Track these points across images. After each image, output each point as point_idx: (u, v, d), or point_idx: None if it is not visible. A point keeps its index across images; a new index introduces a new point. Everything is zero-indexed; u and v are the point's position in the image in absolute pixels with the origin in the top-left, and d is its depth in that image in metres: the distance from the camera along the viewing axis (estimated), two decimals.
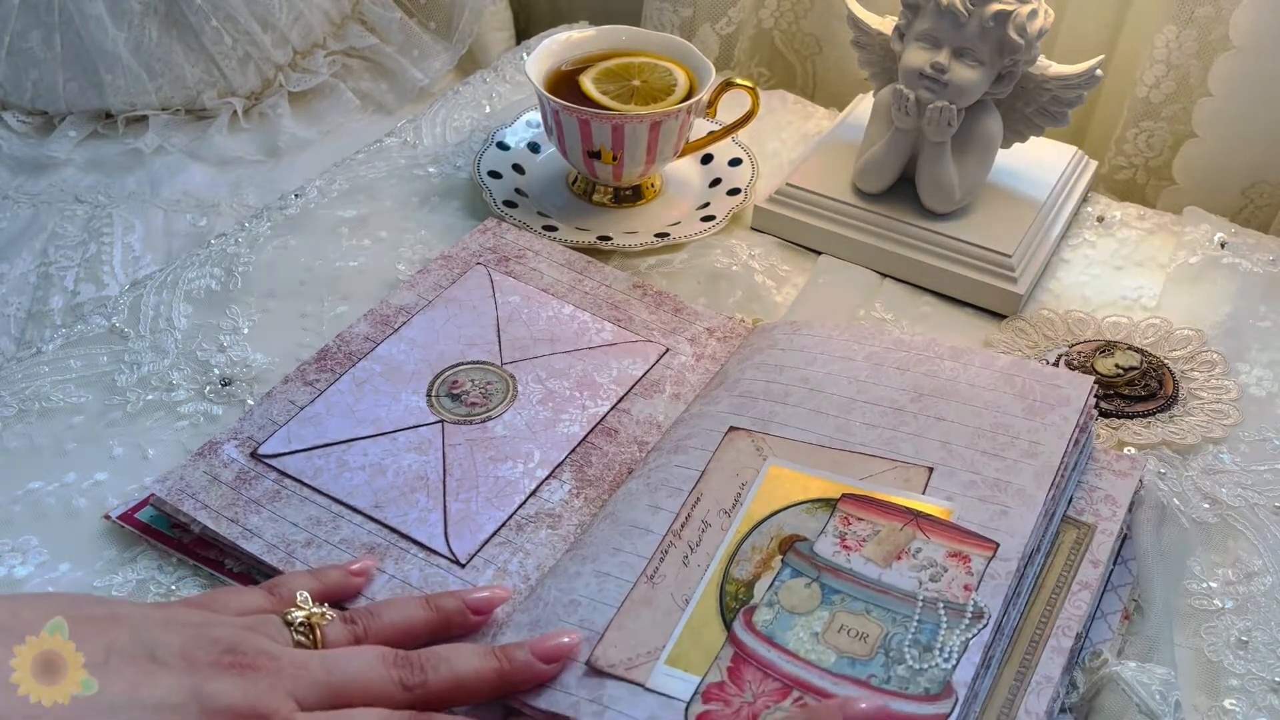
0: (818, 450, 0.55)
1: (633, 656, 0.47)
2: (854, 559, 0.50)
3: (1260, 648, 0.53)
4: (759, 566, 0.50)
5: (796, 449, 0.55)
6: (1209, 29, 0.87)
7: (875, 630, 0.47)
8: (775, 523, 0.52)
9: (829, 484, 0.54)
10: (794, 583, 0.49)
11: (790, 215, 0.77)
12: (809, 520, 0.52)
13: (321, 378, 0.63)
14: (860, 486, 0.53)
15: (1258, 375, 0.67)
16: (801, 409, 0.58)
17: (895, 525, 0.51)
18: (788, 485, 0.54)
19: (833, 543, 0.51)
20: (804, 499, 0.53)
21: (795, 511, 0.53)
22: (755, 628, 0.47)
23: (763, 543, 0.51)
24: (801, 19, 1.09)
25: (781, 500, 0.53)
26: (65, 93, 1.00)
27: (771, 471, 0.54)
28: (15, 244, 0.91)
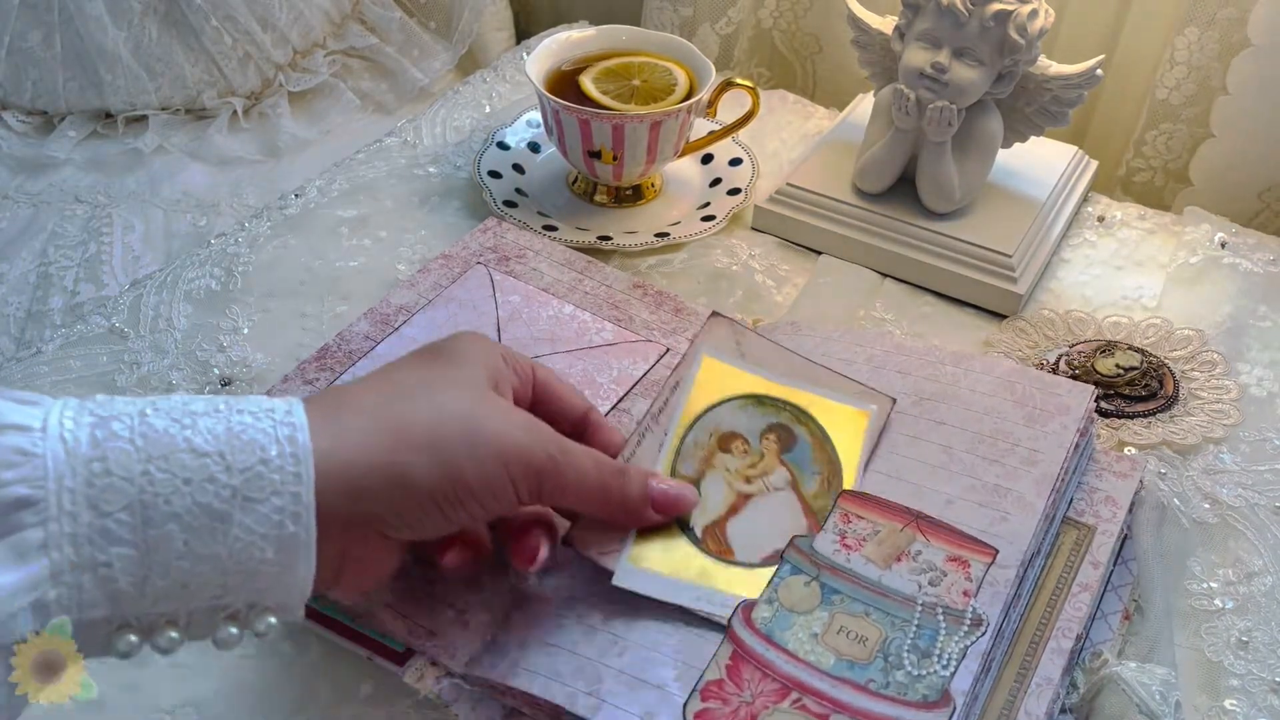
0: (789, 356, 0.57)
1: (605, 543, 0.50)
2: (854, 559, 0.50)
3: (1260, 648, 0.53)
4: (702, 464, 0.53)
5: (770, 351, 0.57)
6: (1231, 31, 0.87)
7: (874, 633, 0.47)
8: (712, 418, 0.54)
9: (760, 380, 0.56)
10: (793, 580, 0.49)
11: (790, 215, 0.77)
12: (741, 416, 0.54)
13: (321, 377, 0.63)
14: (790, 385, 0.55)
15: (1258, 375, 0.67)
16: None
17: (895, 527, 0.51)
18: (721, 379, 0.55)
19: (832, 540, 0.51)
20: (735, 394, 0.55)
21: (729, 407, 0.55)
22: (754, 625, 0.47)
23: (703, 438, 0.54)
24: (801, 18, 1.09)
25: (716, 395, 0.55)
26: (65, 93, 1.01)
27: (705, 364, 0.56)
28: (15, 244, 0.91)
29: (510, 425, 0.45)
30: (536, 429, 0.46)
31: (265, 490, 0.38)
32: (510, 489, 0.45)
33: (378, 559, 0.44)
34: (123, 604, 0.37)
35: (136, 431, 0.37)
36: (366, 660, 0.50)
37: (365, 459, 0.41)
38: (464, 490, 0.43)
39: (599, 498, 0.48)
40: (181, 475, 0.37)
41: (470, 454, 0.43)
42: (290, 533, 0.38)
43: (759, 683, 0.45)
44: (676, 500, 0.50)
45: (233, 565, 0.38)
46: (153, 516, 0.37)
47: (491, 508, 0.45)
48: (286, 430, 0.39)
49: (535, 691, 0.46)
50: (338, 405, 0.43)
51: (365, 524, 0.42)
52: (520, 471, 0.44)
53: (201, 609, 0.38)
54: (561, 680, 0.46)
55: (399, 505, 0.42)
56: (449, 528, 0.45)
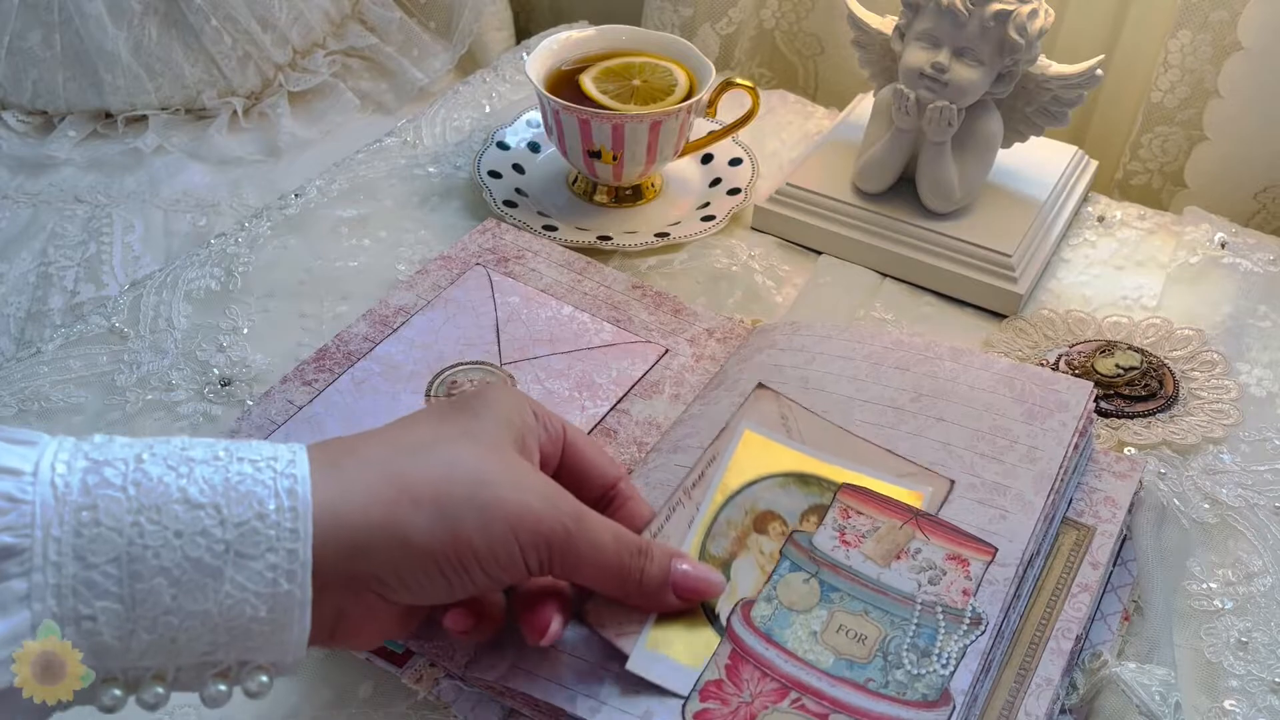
0: (840, 435, 0.54)
1: (624, 622, 0.46)
2: (853, 555, 0.50)
3: (1260, 648, 0.53)
4: (735, 544, 0.50)
5: (816, 425, 0.54)
6: (1223, 34, 0.87)
7: (874, 632, 0.47)
8: (749, 496, 0.51)
9: (805, 458, 0.53)
10: (792, 577, 0.49)
11: (790, 215, 0.77)
12: (781, 495, 0.51)
13: (320, 378, 0.63)
14: (838, 465, 0.52)
15: (1258, 375, 0.67)
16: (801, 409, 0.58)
17: (895, 524, 0.51)
18: (762, 455, 0.53)
19: (831, 536, 0.51)
20: (777, 471, 0.52)
21: (769, 484, 0.52)
22: (753, 624, 0.47)
23: (737, 517, 0.50)
24: (803, 19, 1.09)
25: (755, 471, 0.52)
26: (65, 92, 1.01)
27: (745, 437, 0.53)
28: (15, 244, 0.91)
29: (524, 489, 0.42)
30: (554, 496, 0.43)
31: (260, 546, 0.37)
32: (518, 558, 0.42)
33: (379, 621, 0.42)
34: (107, 657, 0.36)
35: (130, 480, 0.36)
36: (366, 661, 0.50)
37: (366, 515, 0.39)
38: (468, 555, 0.41)
39: (616, 577, 0.45)
40: (173, 528, 0.36)
41: (477, 517, 0.41)
42: (284, 591, 0.37)
43: (758, 682, 0.45)
44: (700, 586, 0.46)
45: (223, 622, 0.36)
46: (140, 570, 0.35)
47: (497, 577, 0.42)
48: (287, 483, 0.38)
49: (535, 693, 0.46)
50: (343, 456, 0.41)
51: (364, 584, 0.40)
52: (530, 540, 0.42)
53: (190, 664, 0.37)
54: (561, 682, 0.46)
55: (399, 566, 0.40)
56: (453, 594, 0.42)
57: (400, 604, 0.42)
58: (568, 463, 0.48)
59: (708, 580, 0.47)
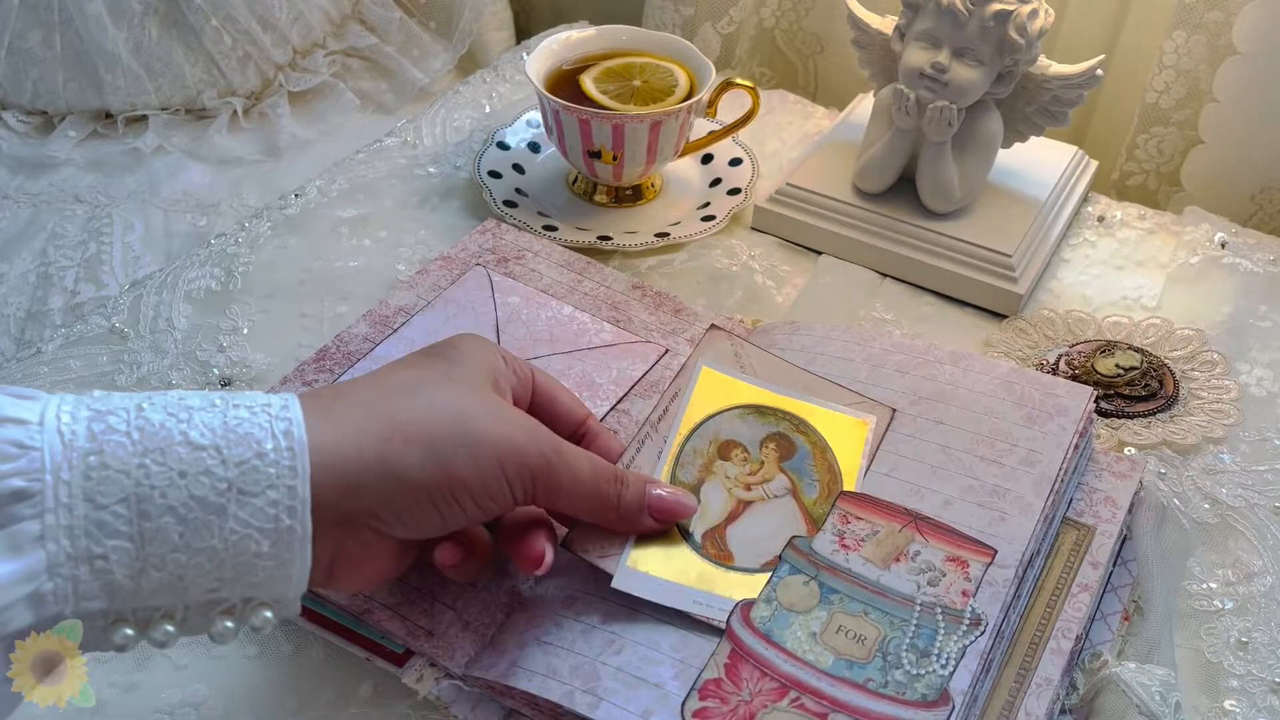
0: (789, 368, 0.58)
1: (606, 546, 0.49)
2: (853, 559, 0.50)
3: (1260, 648, 0.53)
4: (702, 471, 0.53)
5: (767, 361, 0.57)
6: (1218, 34, 0.87)
7: (873, 633, 0.47)
8: (711, 427, 0.55)
9: (759, 391, 0.56)
10: (792, 580, 0.49)
11: (790, 215, 0.77)
12: (741, 425, 0.55)
13: (320, 378, 0.63)
14: (790, 396, 0.56)
15: (1258, 375, 0.67)
16: None
17: (894, 527, 0.51)
18: (720, 389, 0.55)
19: (831, 540, 0.51)
20: (735, 404, 0.55)
21: (729, 416, 0.55)
22: (753, 624, 0.47)
23: (702, 446, 0.54)
24: (803, 18, 1.09)
25: (715, 404, 0.55)
26: (65, 93, 1.01)
27: (704, 374, 0.56)
28: (15, 244, 0.91)
29: (507, 424, 0.45)
30: (534, 429, 0.46)
31: (260, 484, 0.38)
32: (506, 488, 0.44)
33: (375, 558, 0.44)
34: (119, 597, 0.37)
35: (133, 425, 0.38)
36: (366, 661, 0.50)
37: (360, 454, 0.41)
38: (459, 487, 0.43)
39: (595, 502, 0.48)
40: (177, 468, 0.37)
41: (466, 451, 0.43)
42: (286, 526, 0.38)
43: (757, 681, 0.45)
44: (674, 507, 0.50)
45: (228, 558, 0.38)
46: (148, 509, 0.37)
47: (487, 506, 0.45)
48: (282, 425, 0.39)
49: (533, 690, 0.46)
50: (333, 401, 0.43)
51: (361, 520, 0.42)
52: (516, 470, 0.44)
53: (197, 603, 0.39)
54: (559, 678, 0.46)
55: (394, 501, 0.42)
56: (445, 527, 0.44)
57: (394, 539, 0.44)
58: (538, 403, 0.51)
59: (681, 502, 0.50)
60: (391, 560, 0.45)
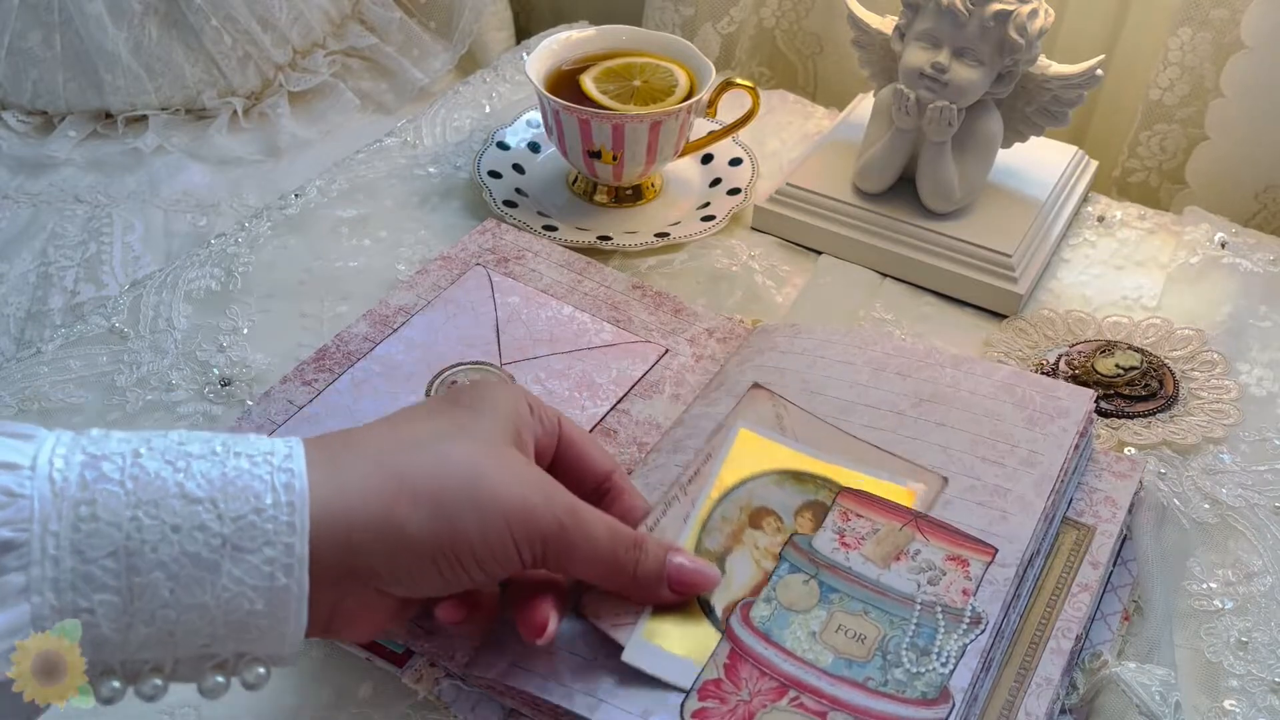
0: (833, 433, 0.55)
1: (620, 614, 0.47)
2: (853, 557, 0.50)
3: (1260, 648, 0.53)
4: (730, 539, 0.50)
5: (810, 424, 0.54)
6: (1224, 31, 0.87)
7: (873, 632, 0.47)
8: (744, 492, 0.52)
9: (799, 456, 0.53)
10: (792, 579, 0.49)
11: (790, 215, 0.77)
12: (777, 491, 0.52)
13: (320, 378, 0.63)
14: (832, 462, 0.53)
15: (1258, 375, 0.67)
16: (801, 411, 0.58)
17: (894, 525, 0.51)
18: (757, 452, 0.53)
19: (831, 539, 0.51)
20: (773, 468, 0.53)
21: (764, 481, 0.52)
22: (752, 624, 0.47)
23: (733, 513, 0.51)
24: (803, 18, 1.09)
25: (750, 468, 0.52)
26: (65, 93, 1.01)
27: (741, 436, 0.54)
28: (15, 244, 0.91)
29: (519, 484, 0.43)
30: (548, 490, 0.44)
31: (257, 540, 0.37)
32: (513, 552, 0.42)
33: (373, 613, 0.42)
34: (105, 650, 0.36)
35: (127, 474, 0.36)
36: (365, 661, 0.50)
37: (364, 510, 0.39)
38: (464, 550, 0.41)
39: (611, 569, 0.45)
40: (170, 522, 0.36)
41: (474, 512, 0.41)
42: (281, 585, 0.37)
43: (757, 681, 0.45)
44: (695, 579, 0.47)
45: (220, 615, 0.37)
46: (138, 564, 0.35)
47: (492, 571, 0.42)
48: (284, 477, 0.38)
49: (533, 690, 0.46)
50: (341, 450, 0.41)
51: (360, 577, 0.40)
52: (524, 534, 0.42)
53: (188, 657, 0.37)
54: (559, 679, 0.46)
55: (395, 560, 0.40)
56: (448, 588, 0.42)
57: (395, 596, 0.42)
58: (563, 456, 0.48)
59: (703, 573, 0.47)
60: (391, 615, 0.43)
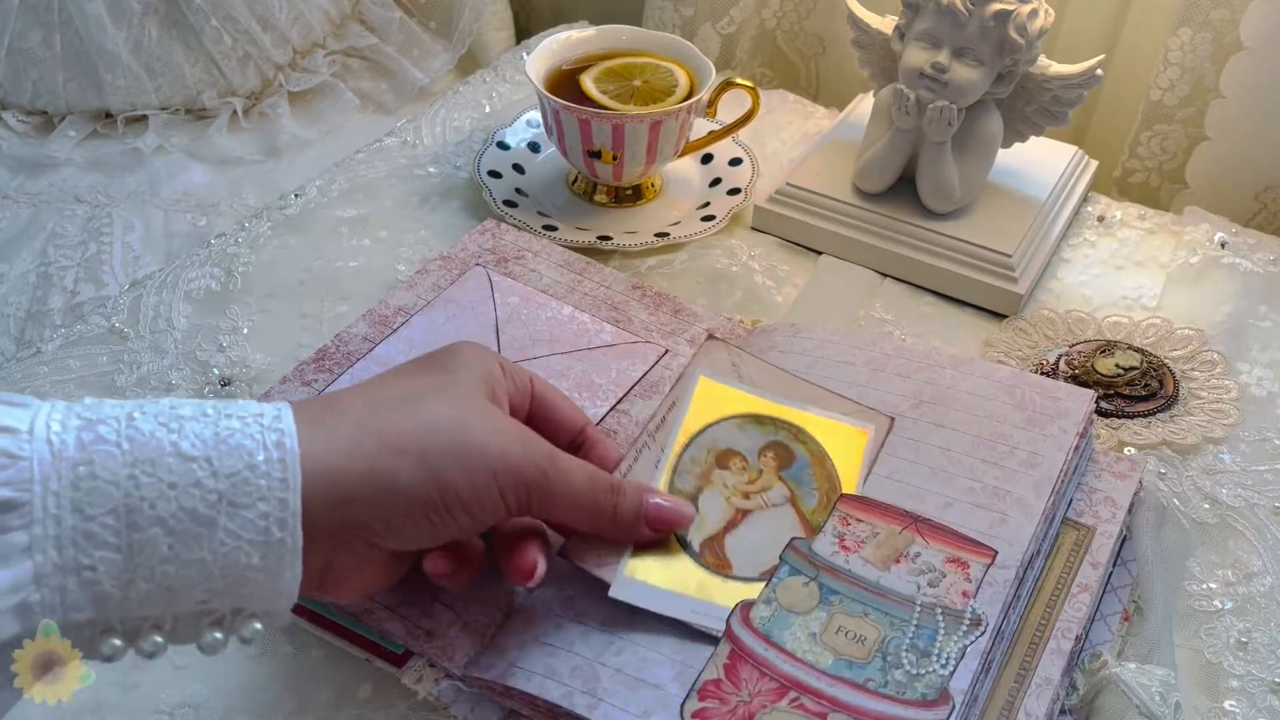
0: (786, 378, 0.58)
1: (603, 555, 0.49)
2: (853, 560, 0.50)
3: (1260, 649, 0.53)
4: (700, 479, 0.53)
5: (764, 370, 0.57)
6: (1224, 32, 0.87)
7: (873, 633, 0.47)
8: (710, 436, 0.54)
9: (757, 400, 0.56)
10: (792, 581, 0.49)
11: (790, 215, 0.77)
12: (739, 434, 0.55)
13: (320, 378, 0.63)
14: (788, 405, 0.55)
15: (1258, 375, 0.67)
16: None
17: (894, 529, 0.51)
18: (718, 399, 0.55)
19: (831, 542, 0.51)
20: (734, 413, 0.55)
21: (727, 425, 0.55)
22: (752, 625, 0.47)
23: (700, 455, 0.54)
24: (804, 19, 1.09)
25: (713, 414, 0.55)
26: (65, 93, 1.01)
27: (701, 384, 0.56)
28: (15, 244, 0.91)
29: (501, 435, 0.45)
30: (528, 440, 0.46)
31: (252, 496, 0.38)
32: (499, 500, 0.44)
33: (367, 568, 0.44)
34: (107, 607, 0.37)
35: (123, 435, 0.37)
36: (365, 662, 0.50)
37: (352, 466, 0.41)
38: (452, 499, 0.43)
39: (591, 513, 0.48)
40: (167, 480, 0.37)
41: (459, 463, 0.43)
42: (276, 539, 0.38)
43: (757, 682, 0.45)
44: (672, 516, 0.50)
45: (217, 570, 0.38)
46: (138, 521, 0.37)
47: (480, 518, 0.44)
48: (274, 436, 0.39)
49: (532, 690, 0.46)
50: (326, 412, 0.42)
51: (352, 531, 0.42)
52: (509, 482, 0.44)
53: (186, 614, 0.38)
54: (559, 679, 0.46)
55: (386, 513, 0.42)
56: (437, 538, 0.44)
57: (386, 550, 0.44)
58: (536, 413, 0.51)
59: (678, 511, 0.50)
60: (384, 570, 0.45)
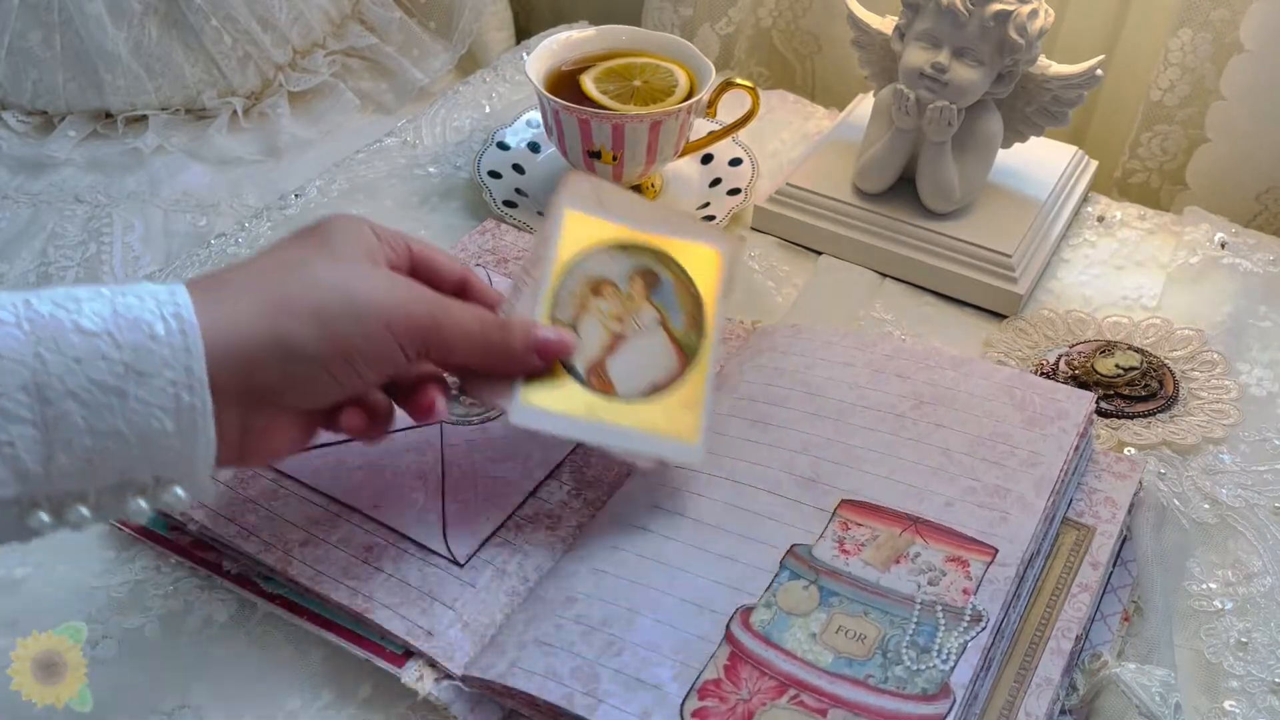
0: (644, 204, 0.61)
1: (499, 388, 0.52)
2: (853, 563, 0.50)
3: (1260, 649, 0.53)
4: (578, 309, 0.55)
5: (628, 200, 0.59)
6: (1224, 32, 0.87)
7: (873, 632, 0.47)
8: (582, 267, 0.56)
9: (621, 228, 0.57)
10: (792, 585, 0.49)
11: (790, 215, 0.77)
12: (609, 262, 0.56)
13: None
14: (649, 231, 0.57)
15: (1258, 375, 0.67)
16: (801, 412, 0.58)
17: (894, 531, 0.51)
18: (586, 229, 0.57)
19: (831, 547, 0.51)
20: (601, 241, 0.57)
21: (596, 254, 0.57)
22: (752, 627, 0.47)
23: (575, 286, 0.56)
24: (800, 18, 1.09)
25: (583, 244, 0.57)
26: (65, 93, 1.00)
27: (568, 217, 0.57)
28: (15, 244, 0.91)
29: (388, 288, 0.47)
30: (415, 289, 0.48)
31: (156, 364, 0.39)
32: (397, 349, 0.46)
33: (281, 430, 0.46)
34: (30, 483, 0.38)
35: (23, 318, 0.38)
36: (366, 661, 0.50)
37: (249, 331, 0.43)
38: (352, 354, 0.45)
39: (484, 350, 0.50)
40: (72, 355, 0.38)
41: (352, 318, 0.45)
42: (187, 404, 0.40)
43: (756, 680, 0.45)
44: (559, 345, 0.53)
45: (134, 439, 0.39)
46: (49, 396, 0.38)
47: (381, 369, 0.47)
48: (171, 309, 0.40)
49: (532, 691, 0.46)
50: (217, 285, 0.44)
51: (260, 395, 0.44)
52: (403, 330, 0.46)
53: (109, 485, 0.40)
54: (559, 680, 0.46)
55: (289, 373, 0.44)
56: (343, 392, 0.46)
57: (297, 411, 0.46)
58: (417, 267, 0.52)
59: (563, 339, 0.53)
60: (298, 430, 0.47)
